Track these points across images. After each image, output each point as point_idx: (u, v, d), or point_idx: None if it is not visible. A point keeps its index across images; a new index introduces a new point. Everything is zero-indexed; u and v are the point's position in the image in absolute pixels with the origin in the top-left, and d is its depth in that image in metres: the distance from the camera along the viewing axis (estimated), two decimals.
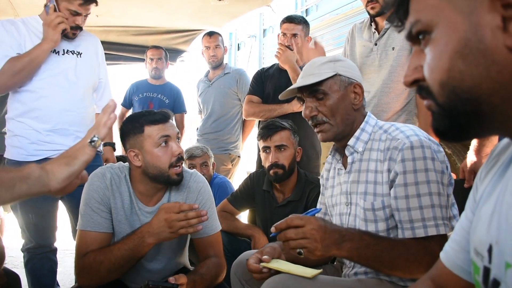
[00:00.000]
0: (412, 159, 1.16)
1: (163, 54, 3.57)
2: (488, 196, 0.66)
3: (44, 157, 2.02)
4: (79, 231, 1.53)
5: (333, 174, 1.45)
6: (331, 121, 1.30)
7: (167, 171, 1.52)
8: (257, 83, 2.75)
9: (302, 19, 2.69)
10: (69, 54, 2.11)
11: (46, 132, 2.04)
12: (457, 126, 0.58)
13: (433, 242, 1.14)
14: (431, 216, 1.14)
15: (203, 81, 3.49)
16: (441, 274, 0.80)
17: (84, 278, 1.47)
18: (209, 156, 2.79)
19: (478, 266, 0.63)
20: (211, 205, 1.67)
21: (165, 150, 1.52)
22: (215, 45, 3.32)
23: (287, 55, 2.53)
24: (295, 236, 1.11)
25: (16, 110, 2.07)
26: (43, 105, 2.04)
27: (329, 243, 1.11)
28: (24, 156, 2.03)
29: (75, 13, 2.04)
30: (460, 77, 0.54)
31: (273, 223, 2.12)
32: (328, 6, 4.45)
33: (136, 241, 1.43)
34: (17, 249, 3.69)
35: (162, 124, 1.54)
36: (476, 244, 0.65)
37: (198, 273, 1.51)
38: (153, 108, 3.44)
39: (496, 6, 0.51)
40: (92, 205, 1.53)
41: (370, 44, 2.22)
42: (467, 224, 0.73)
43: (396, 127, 1.28)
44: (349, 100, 1.32)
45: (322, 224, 1.12)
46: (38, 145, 2.04)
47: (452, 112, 0.57)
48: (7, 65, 1.94)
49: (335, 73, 1.31)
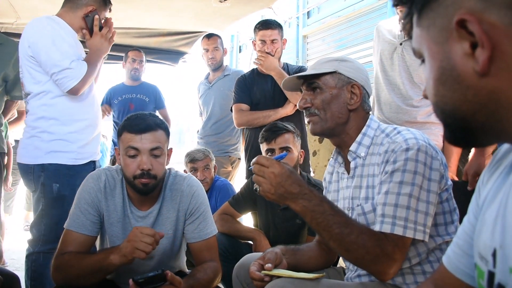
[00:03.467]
0: (404, 159, 1.16)
1: (143, 57, 3.69)
2: (491, 200, 0.66)
3: (90, 160, 2.10)
4: (65, 229, 1.56)
5: (336, 178, 1.45)
6: (321, 114, 1.32)
7: (132, 180, 1.51)
8: (242, 90, 2.74)
9: (277, 23, 2.73)
10: None
11: (92, 137, 2.13)
12: (459, 138, 0.63)
13: (390, 241, 1.13)
14: (403, 216, 1.13)
15: (204, 83, 3.50)
16: (444, 278, 0.79)
17: (57, 276, 1.48)
18: (210, 159, 2.79)
19: (482, 270, 0.63)
20: (205, 209, 1.65)
21: (132, 160, 1.50)
22: (214, 47, 3.33)
23: (270, 62, 2.57)
24: (257, 172, 1.18)
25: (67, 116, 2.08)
26: (91, 111, 2.14)
27: (284, 192, 1.15)
28: (73, 160, 2.06)
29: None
30: (443, 100, 0.60)
31: (275, 226, 2.17)
32: (330, 8, 4.45)
33: (102, 256, 1.41)
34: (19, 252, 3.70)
35: (137, 135, 1.49)
36: (480, 249, 0.65)
37: (194, 277, 1.51)
38: (133, 109, 3.50)
39: (463, 34, 0.54)
40: (81, 206, 1.55)
41: (395, 42, 2.17)
42: (470, 228, 0.73)
43: (398, 131, 1.27)
44: (344, 99, 1.32)
45: (284, 172, 1.15)
46: (83, 149, 2.09)
47: (449, 127, 0.63)
48: (88, 69, 2.01)
49: (335, 70, 1.33)
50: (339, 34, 4.31)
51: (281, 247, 1.39)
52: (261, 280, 1.24)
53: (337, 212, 1.15)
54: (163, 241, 1.62)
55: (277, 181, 1.14)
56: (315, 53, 4.71)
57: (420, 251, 1.22)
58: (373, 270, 1.15)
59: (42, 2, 3.05)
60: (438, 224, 1.23)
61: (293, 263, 1.36)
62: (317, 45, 4.72)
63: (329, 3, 4.48)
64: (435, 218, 1.21)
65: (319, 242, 1.50)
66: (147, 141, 1.49)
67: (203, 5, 3.25)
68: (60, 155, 2.03)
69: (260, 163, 1.17)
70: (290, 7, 4.99)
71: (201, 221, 1.62)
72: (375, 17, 3.79)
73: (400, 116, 2.10)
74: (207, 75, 3.50)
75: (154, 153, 1.50)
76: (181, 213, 1.63)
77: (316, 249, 1.48)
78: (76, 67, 1.97)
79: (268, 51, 2.61)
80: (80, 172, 2.02)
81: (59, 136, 2.05)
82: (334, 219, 1.13)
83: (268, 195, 1.17)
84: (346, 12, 4.11)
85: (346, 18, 4.14)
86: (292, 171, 1.18)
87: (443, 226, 1.24)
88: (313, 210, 1.14)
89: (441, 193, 1.21)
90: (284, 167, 1.16)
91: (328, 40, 4.52)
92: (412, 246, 1.22)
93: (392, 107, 2.14)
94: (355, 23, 4.09)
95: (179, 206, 1.62)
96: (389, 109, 2.15)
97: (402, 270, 1.24)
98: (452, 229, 1.24)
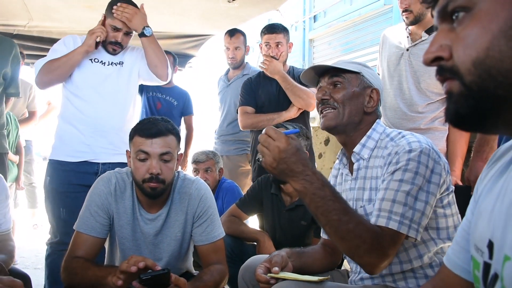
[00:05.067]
0: (406, 159, 1.18)
1: (171, 60, 3.61)
2: (488, 192, 0.67)
3: (85, 160, 2.22)
4: (75, 231, 1.59)
5: (340, 180, 1.47)
6: (339, 108, 1.33)
7: (141, 184, 1.54)
8: (248, 93, 2.76)
9: (283, 27, 2.74)
10: (112, 65, 2.33)
11: (89, 134, 2.22)
12: (481, 110, 0.55)
13: (386, 235, 1.13)
14: (400, 212, 1.14)
15: (223, 79, 3.42)
16: (443, 278, 0.81)
17: (64, 278, 1.53)
18: (214, 162, 2.82)
19: (478, 261, 0.64)
20: (213, 212, 1.68)
21: (142, 164, 1.52)
22: (235, 46, 3.22)
23: (274, 65, 2.58)
24: (263, 142, 1.14)
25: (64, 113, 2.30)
26: (85, 108, 2.24)
27: (286, 169, 1.12)
28: (66, 156, 2.23)
29: (115, 29, 2.25)
30: (499, 57, 0.51)
31: (281, 227, 2.20)
32: (336, 12, 4.46)
33: (104, 274, 1.39)
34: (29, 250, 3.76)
35: (148, 139, 1.52)
36: (476, 240, 0.65)
37: (201, 279, 1.53)
38: (160, 108, 3.51)
39: None
40: (91, 208, 1.58)
41: (402, 48, 2.19)
42: (467, 224, 0.74)
43: (403, 135, 1.29)
44: (362, 100, 1.35)
45: (289, 148, 1.11)
46: (80, 147, 2.22)
47: (480, 93, 0.54)
48: (46, 64, 2.21)
49: (360, 72, 1.36)
50: (345, 38, 4.32)
51: (286, 250, 1.40)
52: (267, 282, 1.25)
53: (338, 198, 1.12)
54: (172, 243, 1.66)
55: (280, 156, 1.11)
56: (321, 56, 4.72)
57: (422, 252, 1.24)
58: (364, 262, 1.13)
59: (54, 0, 3.06)
60: (440, 228, 1.25)
61: (298, 265, 1.37)
62: (323, 49, 4.73)
63: (335, 7, 4.49)
64: (436, 221, 1.23)
65: (324, 244, 1.52)
66: (157, 146, 1.52)
67: (211, 5, 3.23)
68: (55, 151, 2.27)
69: (268, 133, 1.14)
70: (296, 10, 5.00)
71: (209, 224, 1.65)
72: (381, 22, 3.80)
73: (405, 123, 2.11)
74: (227, 71, 3.42)
75: (164, 158, 1.53)
76: (189, 216, 1.66)
77: (321, 252, 1.50)
78: (36, 64, 2.24)
79: (272, 54, 2.64)
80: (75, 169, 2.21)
81: (59, 133, 2.29)
82: (334, 205, 1.10)
83: (269, 168, 1.14)
84: (352, 16, 4.12)
85: (352, 22, 4.15)
86: (299, 148, 1.14)
87: (445, 230, 1.25)
88: (314, 193, 1.11)
89: (441, 197, 1.23)
90: (290, 143, 1.12)
91: (334, 44, 4.53)
92: (414, 247, 1.24)
93: (397, 113, 2.16)
94: (361, 28, 4.10)
95: (187, 209, 1.65)
96: (394, 114, 2.17)
97: (405, 273, 1.26)
98: (454, 233, 1.25)
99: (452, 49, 0.57)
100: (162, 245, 1.66)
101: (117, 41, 2.28)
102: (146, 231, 1.64)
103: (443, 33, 0.59)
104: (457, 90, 0.56)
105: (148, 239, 1.65)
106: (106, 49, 2.32)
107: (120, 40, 2.28)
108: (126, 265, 1.29)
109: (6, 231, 1.68)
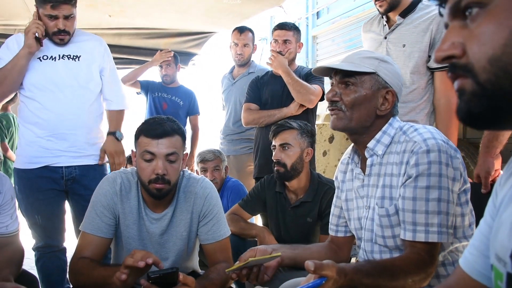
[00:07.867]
0: (427, 162, 1.14)
1: (172, 59, 3.60)
2: (509, 201, 0.65)
3: (44, 165, 2.08)
4: (81, 231, 1.59)
5: (350, 177, 1.44)
6: (347, 112, 1.27)
7: (147, 184, 1.52)
8: (253, 90, 2.78)
9: (293, 26, 2.74)
10: (64, 59, 2.10)
11: (46, 138, 2.08)
12: (495, 109, 0.53)
13: (427, 252, 1.14)
14: (436, 222, 1.13)
15: (227, 77, 3.37)
16: (459, 280, 0.79)
17: (71, 279, 1.54)
18: (221, 160, 2.81)
19: (500, 272, 0.62)
20: (219, 211, 1.67)
21: (148, 164, 1.51)
22: (244, 43, 3.17)
23: (279, 61, 2.58)
24: None
25: (21, 118, 2.15)
26: (41, 111, 2.07)
27: None
28: (25, 164, 2.11)
29: (51, 17, 2.01)
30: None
31: (286, 226, 2.18)
32: (339, 8, 4.44)
33: (109, 273, 1.37)
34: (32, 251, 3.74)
35: (153, 140, 1.50)
36: (497, 250, 0.64)
37: (208, 278, 1.52)
38: (166, 109, 3.49)
39: None
40: (97, 208, 1.58)
41: (380, 38, 2.20)
42: (487, 229, 0.73)
43: (415, 128, 1.25)
44: (375, 103, 1.27)
45: None
46: (38, 153, 2.08)
47: (495, 92, 0.52)
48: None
49: (374, 71, 1.27)
50: (349, 34, 4.30)
51: (281, 245, 1.40)
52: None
53: (365, 269, 1.10)
54: (177, 242, 1.65)
55: None
56: (325, 53, 4.70)
57: None
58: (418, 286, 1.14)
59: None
60: (457, 227, 1.22)
61: (292, 256, 1.37)
62: (326, 46, 4.71)
63: (338, 3, 4.47)
64: (453, 220, 1.20)
65: (331, 241, 1.51)
66: (163, 146, 1.50)
67: (214, 2, 3.22)
68: (17, 159, 2.18)
69: None
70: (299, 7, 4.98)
71: (215, 223, 1.65)
72: None
73: None
74: (232, 68, 3.37)
75: (170, 159, 1.51)
76: (195, 215, 1.65)
77: (325, 247, 1.50)
78: None
79: (279, 50, 2.63)
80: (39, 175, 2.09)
81: (20, 139, 2.18)
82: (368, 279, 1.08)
83: None
84: (356, 13, 4.10)
85: (355, 18, 4.12)
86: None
87: (461, 229, 1.23)
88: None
89: (459, 194, 1.20)
90: None
91: (338, 41, 4.50)
92: None
93: None
94: None
95: (193, 208, 1.64)
96: None
97: None
98: (469, 232, 1.23)
99: (465, 47, 0.55)
100: (168, 245, 1.65)
101: (60, 29, 2.03)
102: (152, 231, 1.63)
103: (454, 30, 0.57)
104: (470, 89, 0.55)
105: (154, 239, 1.64)
106: (53, 42, 2.09)
107: (63, 27, 2.03)
108: (131, 259, 1.27)
109: (14, 232, 1.66)
